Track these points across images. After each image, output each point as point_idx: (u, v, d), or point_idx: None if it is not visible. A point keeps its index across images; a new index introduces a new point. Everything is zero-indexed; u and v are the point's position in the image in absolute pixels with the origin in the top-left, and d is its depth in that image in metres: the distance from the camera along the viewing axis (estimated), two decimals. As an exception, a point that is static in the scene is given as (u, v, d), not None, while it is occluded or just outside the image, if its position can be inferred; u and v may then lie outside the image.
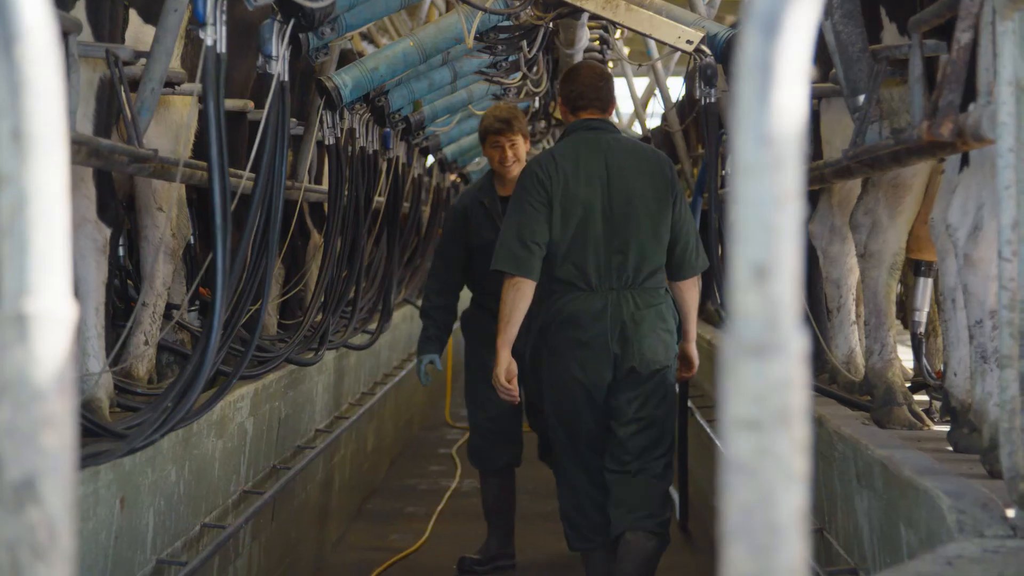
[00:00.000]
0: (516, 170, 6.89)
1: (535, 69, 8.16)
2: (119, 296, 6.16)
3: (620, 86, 14.79)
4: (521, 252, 5.52)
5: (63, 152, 1.40)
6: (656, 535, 5.56)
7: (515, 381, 5.62)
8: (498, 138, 6.98)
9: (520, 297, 5.51)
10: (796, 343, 1.37)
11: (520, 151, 7.03)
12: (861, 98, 4.28)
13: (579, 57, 9.08)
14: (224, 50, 3.95)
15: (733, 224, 1.38)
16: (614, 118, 6.08)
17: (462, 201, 7.25)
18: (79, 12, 4.03)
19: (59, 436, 1.38)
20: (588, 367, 5.56)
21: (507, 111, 7.07)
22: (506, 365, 5.56)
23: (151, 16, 4.76)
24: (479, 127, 7.15)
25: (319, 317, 7.09)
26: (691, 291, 5.85)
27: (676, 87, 12.33)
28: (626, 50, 12.06)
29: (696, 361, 6.00)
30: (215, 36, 3.90)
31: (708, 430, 7.79)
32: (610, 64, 10.80)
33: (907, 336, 6.11)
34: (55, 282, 1.39)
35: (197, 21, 3.96)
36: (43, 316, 1.38)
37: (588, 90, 5.75)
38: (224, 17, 3.93)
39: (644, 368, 5.55)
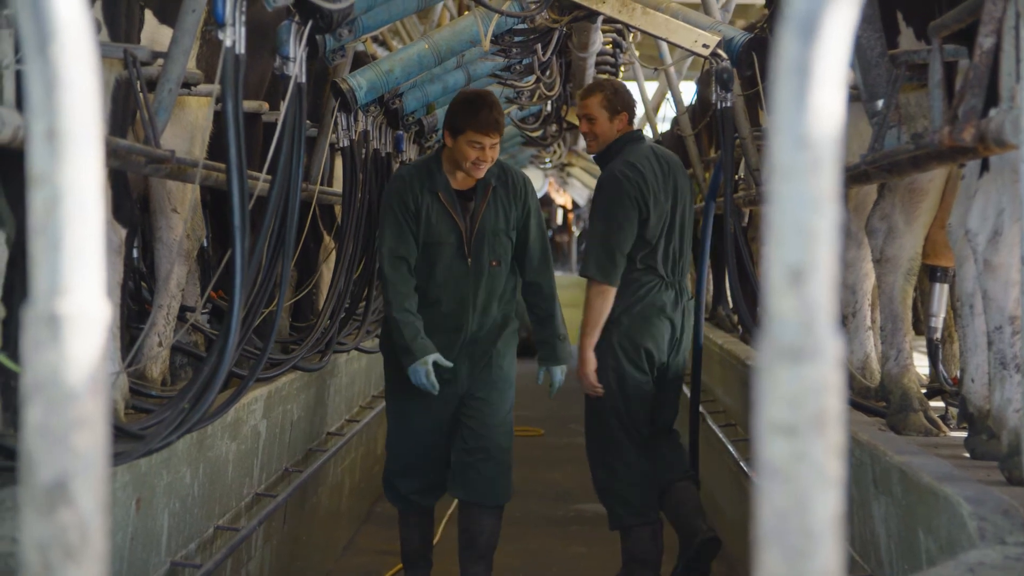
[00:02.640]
0: (484, 170, 5.92)
1: (548, 72, 8.16)
2: (132, 298, 6.16)
3: (632, 90, 14.80)
4: (610, 264, 6.20)
5: (97, 151, 1.39)
6: (693, 479, 6.52)
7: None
8: (482, 138, 5.82)
9: (607, 303, 6.22)
10: (832, 346, 1.36)
11: (496, 151, 5.93)
12: (880, 103, 4.27)
13: (592, 61, 9.08)
14: (243, 51, 3.94)
15: (769, 227, 1.37)
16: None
17: (409, 187, 5.98)
18: (95, 12, 4.03)
19: (92, 437, 1.37)
20: (661, 348, 6.32)
21: (495, 108, 5.87)
22: (593, 366, 6.23)
23: (167, 17, 4.76)
24: (458, 114, 5.88)
25: (331, 320, 7.08)
26: None
27: (688, 91, 12.32)
28: (636, 53, 12.07)
29: None
30: (234, 37, 3.89)
31: (720, 435, 7.77)
32: (622, 68, 10.80)
33: (923, 342, 6.10)
34: (88, 281, 1.38)
35: (215, 22, 3.96)
36: (76, 316, 1.37)
37: (632, 102, 6.47)
38: (243, 18, 3.93)
39: (686, 348, 6.44)
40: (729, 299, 10.07)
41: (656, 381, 6.36)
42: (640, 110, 14.46)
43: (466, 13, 6.63)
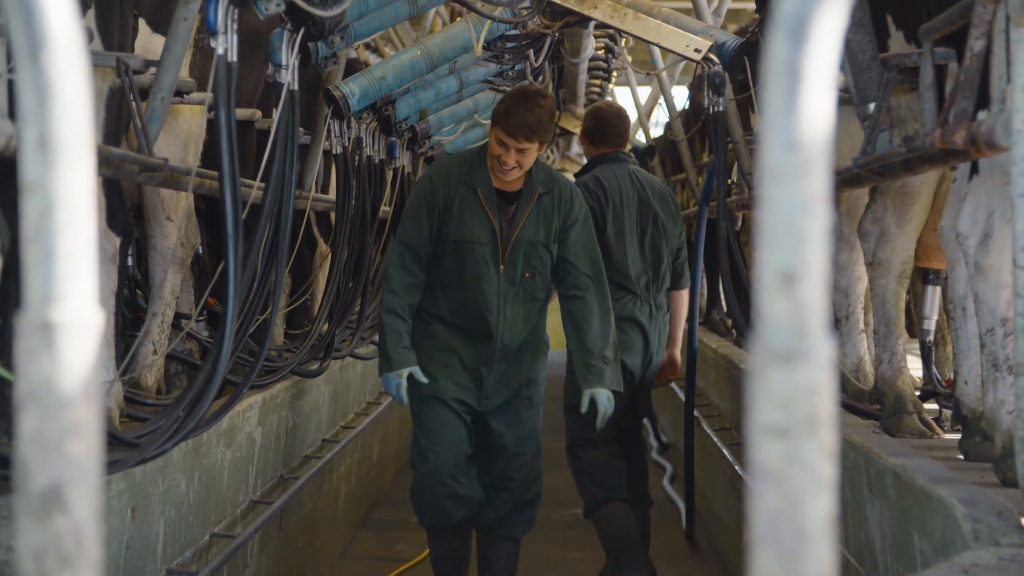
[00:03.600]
0: (514, 176, 5.61)
1: (541, 78, 8.16)
2: (127, 306, 6.15)
3: (624, 95, 14.83)
4: None
5: (89, 159, 1.40)
6: (646, 503, 6.73)
7: None
8: (507, 139, 5.48)
9: None
10: (824, 349, 1.36)
11: (529, 159, 5.54)
12: (871, 106, 4.28)
13: (584, 66, 9.09)
14: (235, 59, 3.95)
15: (761, 230, 1.38)
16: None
17: (443, 179, 5.69)
18: (88, 21, 4.03)
19: (86, 444, 1.37)
20: (633, 359, 6.48)
21: (534, 111, 5.46)
22: None
23: (160, 25, 4.76)
24: (499, 105, 5.63)
25: (326, 327, 7.08)
26: (685, 299, 6.84)
27: (680, 96, 12.33)
28: (629, 59, 12.09)
29: (679, 364, 6.92)
30: (226, 45, 3.90)
31: (715, 439, 7.77)
32: (614, 73, 10.80)
33: (916, 344, 6.11)
34: (81, 289, 1.39)
35: (207, 30, 3.96)
36: (69, 323, 1.37)
37: (607, 127, 6.68)
38: (235, 26, 3.93)
39: (658, 362, 6.62)
40: (723, 303, 10.08)
41: (632, 392, 6.55)
42: (633, 115, 14.49)
43: (458, 19, 6.63)
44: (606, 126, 6.70)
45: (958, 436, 4.34)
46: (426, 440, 5.72)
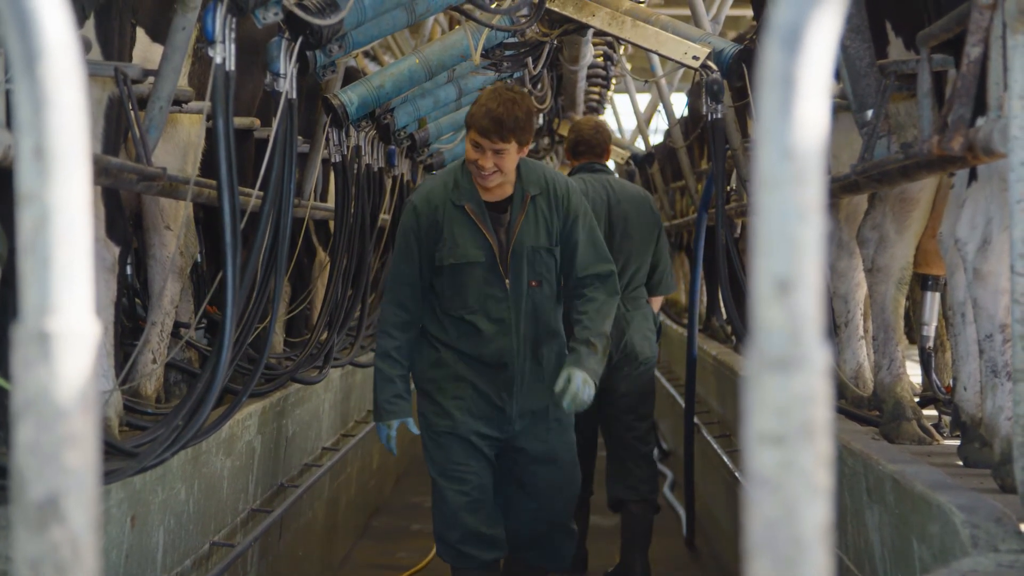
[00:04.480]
0: (495, 181, 5.24)
1: (540, 86, 8.17)
2: (126, 315, 6.16)
3: (623, 102, 14.82)
4: None
5: (85, 169, 1.40)
6: (650, 504, 6.77)
7: None
8: (481, 140, 5.15)
9: None
10: (819, 357, 1.36)
11: (508, 162, 5.18)
12: (869, 113, 4.28)
13: (583, 73, 9.10)
14: (233, 68, 3.95)
15: (755, 237, 1.38)
16: (616, 135, 6.82)
17: (426, 203, 5.34)
18: (88, 30, 4.04)
19: (82, 454, 1.37)
20: None
21: (506, 107, 5.12)
22: None
23: (159, 34, 4.76)
24: (470, 108, 5.29)
25: (325, 335, 7.08)
26: (658, 303, 7.07)
27: (680, 103, 12.34)
28: (628, 66, 12.09)
29: None
30: (224, 54, 3.90)
31: (715, 446, 7.77)
32: (613, 80, 10.81)
33: (915, 351, 6.11)
34: (77, 299, 1.39)
35: (206, 39, 3.97)
36: (66, 333, 1.38)
37: (583, 141, 6.95)
38: (233, 35, 3.94)
39: (632, 359, 6.70)
40: (722, 310, 10.08)
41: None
42: (632, 122, 14.48)
43: (456, 27, 6.64)
44: (582, 139, 6.97)
45: (957, 442, 4.33)
46: (445, 480, 5.36)
